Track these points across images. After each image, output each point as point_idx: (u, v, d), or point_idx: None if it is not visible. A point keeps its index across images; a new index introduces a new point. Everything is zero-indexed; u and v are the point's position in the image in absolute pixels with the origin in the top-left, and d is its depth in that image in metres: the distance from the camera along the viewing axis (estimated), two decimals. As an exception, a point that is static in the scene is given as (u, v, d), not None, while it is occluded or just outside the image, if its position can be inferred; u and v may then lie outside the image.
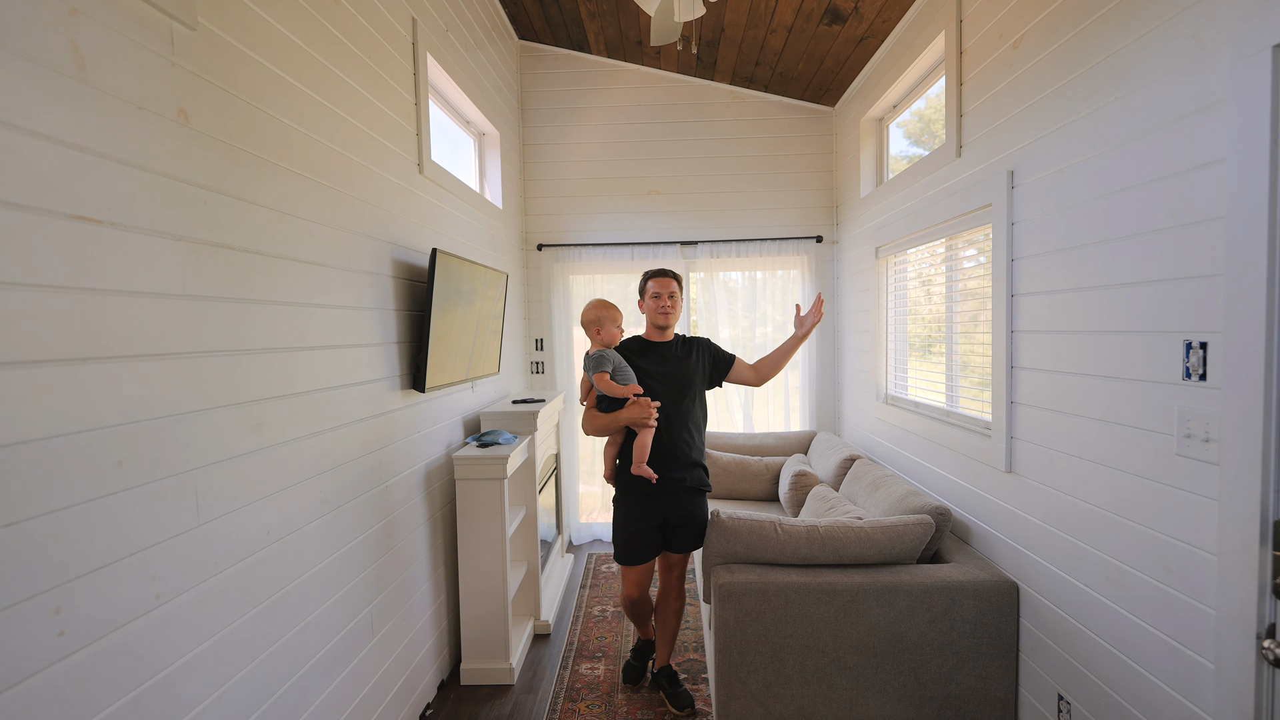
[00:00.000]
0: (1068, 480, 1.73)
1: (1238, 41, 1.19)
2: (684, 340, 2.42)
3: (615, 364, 2.19)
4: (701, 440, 2.37)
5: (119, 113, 1.05)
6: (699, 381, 2.35)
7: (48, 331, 0.92)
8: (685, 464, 2.29)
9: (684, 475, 2.29)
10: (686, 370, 2.32)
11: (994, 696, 1.99)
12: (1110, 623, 1.59)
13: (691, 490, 2.31)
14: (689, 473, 2.30)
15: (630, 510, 2.31)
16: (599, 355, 2.18)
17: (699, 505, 2.34)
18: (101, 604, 1.00)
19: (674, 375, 2.30)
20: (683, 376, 2.31)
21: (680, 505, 2.30)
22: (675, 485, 2.27)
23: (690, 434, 2.31)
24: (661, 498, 2.26)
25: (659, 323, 2.33)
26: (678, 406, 2.28)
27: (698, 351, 2.38)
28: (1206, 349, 1.28)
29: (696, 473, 2.32)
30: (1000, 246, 2.02)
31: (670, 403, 2.27)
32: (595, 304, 2.29)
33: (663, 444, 2.26)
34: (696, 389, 2.34)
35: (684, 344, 2.40)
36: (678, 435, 2.28)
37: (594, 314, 2.27)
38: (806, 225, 4.00)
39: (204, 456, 1.23)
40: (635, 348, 2.36)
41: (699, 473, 2.34)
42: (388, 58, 2.11)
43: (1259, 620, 1.17)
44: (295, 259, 1.54)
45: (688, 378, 2.32)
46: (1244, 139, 1.17)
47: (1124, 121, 1.50)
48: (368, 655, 1.88)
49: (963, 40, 2.31)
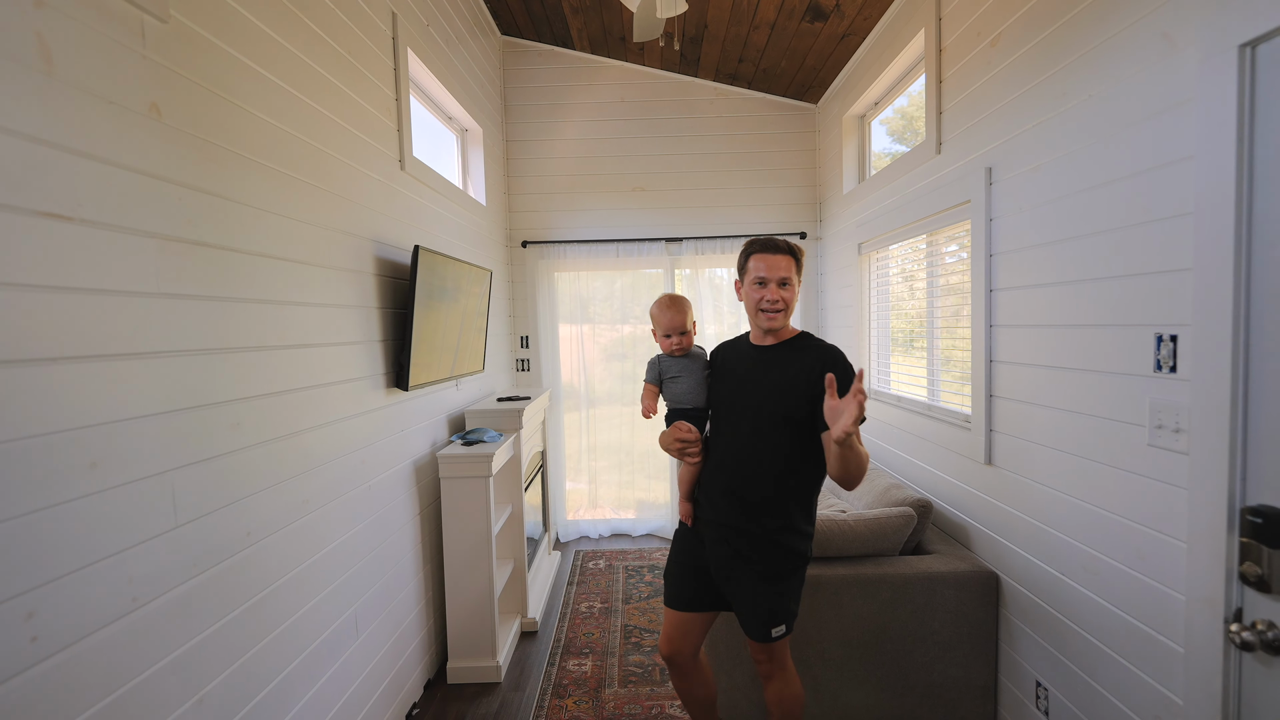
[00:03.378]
0: (1044, 471, 1.77)
1: (1205, 41, 1.21)
2: (804, 340, 1.65)
3: (663, 371, 1.78)
4: (789, 494, 1.60)
5: (88, 107, 1.02)
6: (798, 400, 1.56)
7: (16, 331, 0.90)
8: (748, 506, 1.59)
9: (738, 522, 1.60)
10: (780, 385, 1.58)
11: (974, 685, 2.03)
12: (1086, 610, 1.63)
13: (748, 546, 1.60)
14: (750, 522, 1.59)
15: (683, 542, 1.79)
16: (649, 362, 1.82)
17: (757, 578, 1.59)
18: (76, 608, 0.98)
19: (755, 383, 1.62)
20: (767, 387, 1.59)
21: (723, 560, 1.64)
22: (724, 533, 1.64)
23: (768, 467, 1.58)
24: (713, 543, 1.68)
25: (762, 323, 1.63)
26: (754, 425, 1.61)
27: (813, 362, 1.57)
28: (1177, 342, 1.31)
29: (762, 525, 1.58)
30: (979, 242, 2.05)
31: (741, 419, 1.64)
32: (657, 301, 1.79)
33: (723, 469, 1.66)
34: (790, 409, 1.57)
35: (799, 349, 1.62)
36: (746, 462, 1.61)
37: (652, 311, 1.80)
38: (790, 222, 4.02)
39: (181, 457, 1.21)
40: (732, 347, 1.79)
41: (767, 536, 1.58)
42: (367, 52, 2.08)
43: (1226, 604, 1.20)
44: (273, 256, 1.52)
45: (777, 388, 1.58)
46: (1211, 136, 1.20)
47: (1097, 119, 1.52)
48: (352, 656, 1.87)
49: (942, 38, 2.33)
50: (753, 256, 1.63)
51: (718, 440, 1.71)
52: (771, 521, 1.60)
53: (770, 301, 1.60)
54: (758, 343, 1.70)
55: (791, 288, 1.61)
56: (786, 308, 1.61)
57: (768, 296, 1.59)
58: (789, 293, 1.60)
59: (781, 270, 1.59)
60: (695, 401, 1.76)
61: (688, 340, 1.78)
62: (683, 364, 1.78)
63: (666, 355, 1.80)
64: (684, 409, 1.77)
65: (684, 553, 1.77)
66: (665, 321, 1.77)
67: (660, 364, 1.80)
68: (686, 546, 1.77)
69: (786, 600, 1.62)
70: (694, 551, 1.74)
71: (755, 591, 1.61)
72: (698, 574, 1.73)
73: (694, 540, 1.75)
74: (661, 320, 1.77)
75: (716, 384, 1.75)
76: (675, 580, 1.77)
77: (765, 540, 1.60)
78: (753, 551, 1.60)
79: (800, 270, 1.64)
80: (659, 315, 1.77)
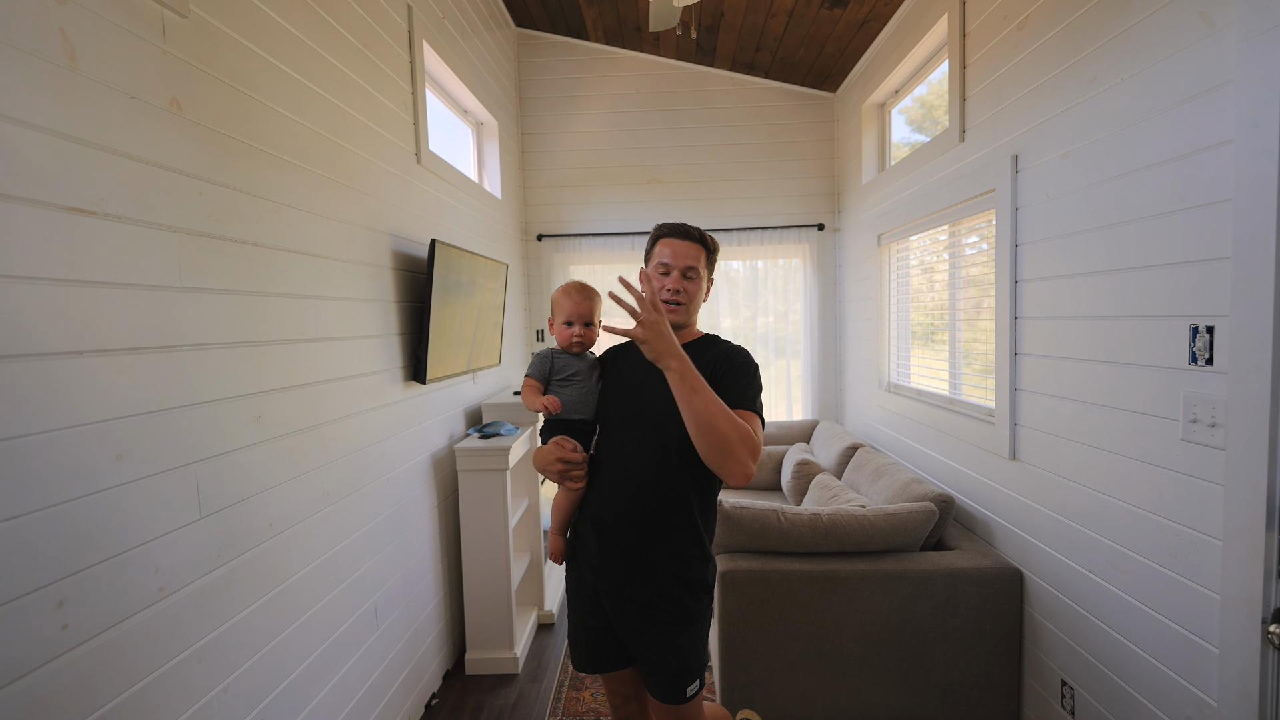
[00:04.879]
0: (1072, 467, 1.73)
1: (1247, 20, 1.17)
2: (705, 344, 1.40)
3: (555, 369, 1.47)
4: (703, 516, 1.37)
5: (110, 102, 1.03)
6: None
7: (44, 324, 0.92)
8: (646, 537, 1.33)
9: (636, 557, 1.34)
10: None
11: (997, 683, 2.00)
12: (1115, 608, 1.59)
13: (650, 589, 1.33)
14: (652, 554, 1.33)
15: (576, 589, 1.47)
16: (536, 355, 1.48)
17: (660, 637, 1.34)
18: (105, 597, 1.00)
19: (655, 400, 1.32)
20: (668, 395, 1.25)
21: (629, 619, 1.36)
22: (617, 576, 1.36)
23: (671, 488, 1.32)
24: (606, 593, 1.38)
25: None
26: (657, 440, 1.33)
27: (712, 361, 1.34)
28: (1213, 333, 1.27)
29: (651, 588, 1.33)
30: (1004, 232, 2.00)
31: (640, 433, 1.35)
32: (564, 286, 1.50)
33: (616, 495, 1.37)
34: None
35: (700, 350, 1.37)
36: (645, 485, 1.33)
37: (555, 296, 1.50)
38: (808, 213, 3.97)
39: (205, 449, 1.22)
40: (626, 348, 1.51)
41: (659, 587, 1.33)
42: (384, 46, 2.08)
43: (1264, 604, 1.16)
44: (293, 250, 1.53)
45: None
46: (1253, 119, 1.15)
47: (1131, 103, 1.48)
48: (372, 646, 1.89)
49: (966, 23, 2.28)
50: (660, 240, 1.40)
51: (610, 459, 1.39)
52: (676, 553, 1.33)
53: (671, 292, 1.35)
54: None
55: (698, 280, 1.38)
56: (690, 301, 1.37)
57: (668, 286, 1.35)
58: (694, 285, 1.37)
59: (687, 258, 1.36)
60: (586, 411, 1.45)
61: (591, 336, 1.48)
62: (579, 364, 1.47)
63: (562, 351, 1.49)
64: (569, 420, 1.44)
65: (585, 613, 1.45)
66: (569, 307, 1.45)
67: (554, 359, 1.47)
68: (584, 606, 1.45)
69: (699, 647, 1.36)
70: (594, 611, 1.43)
71: (660, 644, 1.33)
72: (605, 633, 1.42)
73: (589, 596, 1.43)
74: (564, 305, 1.46)
75: (607, 392, 1.45)
76: (582, 646, 1.46)
77: (669, 577, 1.33)
78: (654, 594, 1.33)
79: (712, 266, 1.43)
80: (562, 300, 1.47)
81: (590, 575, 1.42)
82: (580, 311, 1.46)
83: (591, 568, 1.41)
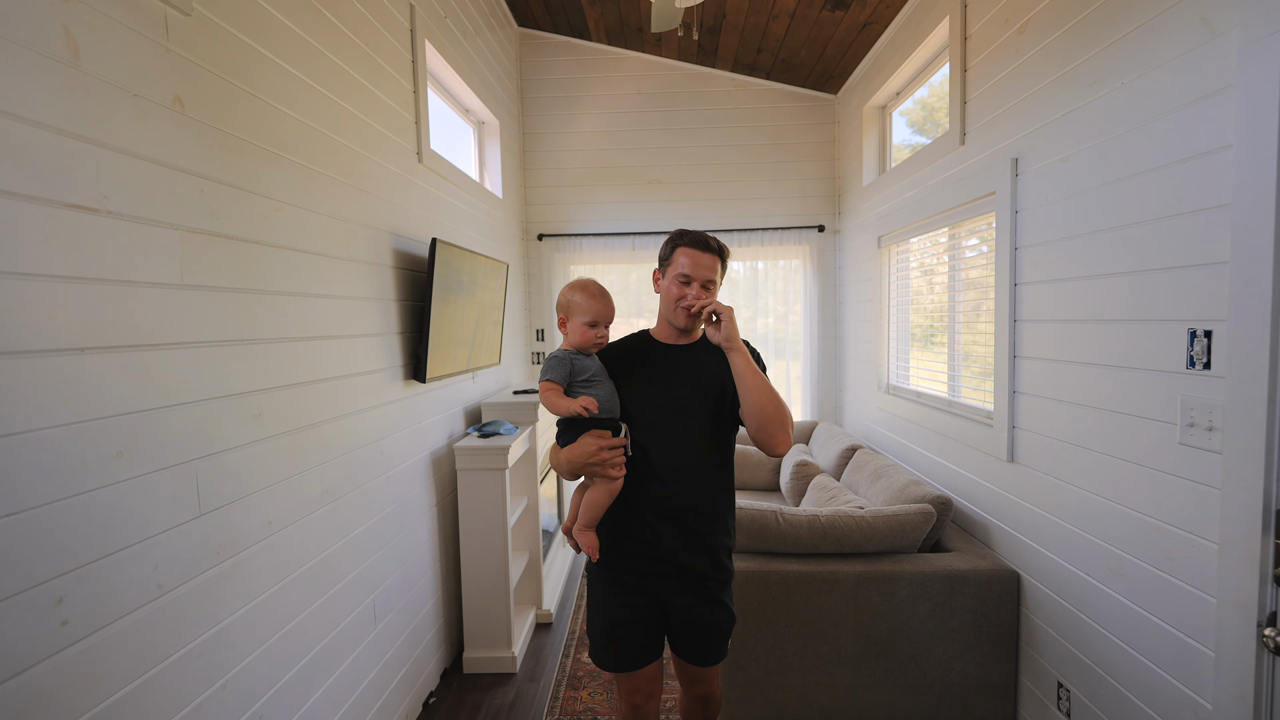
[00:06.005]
0: (1070, 469, 1.73)
1: (1248, 25, 1.17)
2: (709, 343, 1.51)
3: (575, 371, 1.45)
4: (727, 504, 1.52)
5: (113, 100, 1.03)
6: (728, 406, 1.47)
7: (45, 321, 0.92)
8: (689, 542, 1.46)
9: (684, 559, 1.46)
10: (709, 386, 1.47)
11: (993, 684, 2.00)
12: (1111, 611, 1.59)
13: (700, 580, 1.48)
14: (695, 556, 1.46)
15: (609, 588, 1.52)
16: (553, 358, 1.45)
17: (713, 601, 1.49)
18: (103, 594, 1.00)
19: (686, 393, 1.46)
20: (700, 396, 1.45)
21: (681, 597, 1.49)
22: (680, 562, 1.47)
23: (704, 495, 1.47)
24: (656, 580, 1.49)
25: (679, 322, 1.46)
26: (695, 432, 1.46)
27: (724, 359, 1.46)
28: (1211, 337, 1.27)
29: (709, 557, 1.48)
30: (1004, 235, 2.01)
31: (681, 423, 1.46)
32: (570, 285, 1.49)
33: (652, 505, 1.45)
34: (724, 419, 1.48)
35: (708, 345, 1.50)
36: (690, 476, 1.46)
37: (564, 297, 1.48)
38: (808, 214, 3.98)
39: (204, 447, 1.23)
40: (632, 349, 1.55)
41: (713, 556, 1.48)
42: (386, 45, 2.08)
43: (1260, 608, 1.17)
44: (294, 248, 1.54)
45: (710, 398, 1.46)
46: (1252, 125, 1.16)
47: (1131, 107, 1.48)
48: (371, 644, 1.89)
49: (967, 25, 2.28)
50: (680, 249, 1.45)
51: (657, 449, 1.46)
52: (718, 540, 1.49)
53: (690, 304, 1.43)
54: (670, 341, 1.52)
55: (714, 291, 1.45)
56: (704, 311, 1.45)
57: (691, 294, 1.43)
58: (711, 296, 1.44)
59: (708, 271, 1.43)
60: (614, 410, 1.46)
61: (606, 338, 1.51)
62: (594, 365, 1.47)
63: (579, 353, 1.47)
64: (600, 419, 1.44)
65: (617, 607, 1.50)
66: (597, 309, 1.45)
67: (573, 362, 1.44)
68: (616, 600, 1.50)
69: (731, 608, 1.54)
70: (629, 604, 1.49)
71: (716, 606, 1.50)
72: (646, 625, 1.50)
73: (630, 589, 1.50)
74: (589, 307, 1.44)
75: (636, 389, 1.48)
76: (622, 639, 1.49)
77: (719, 546, 1.49)
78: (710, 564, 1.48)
79: (724, 274, 1.50)
80: (587, 302, 1.45)
81: (639, 563, 1.49)
82: (607, 314, 1.47)
83: (646, 554, 1.48)
